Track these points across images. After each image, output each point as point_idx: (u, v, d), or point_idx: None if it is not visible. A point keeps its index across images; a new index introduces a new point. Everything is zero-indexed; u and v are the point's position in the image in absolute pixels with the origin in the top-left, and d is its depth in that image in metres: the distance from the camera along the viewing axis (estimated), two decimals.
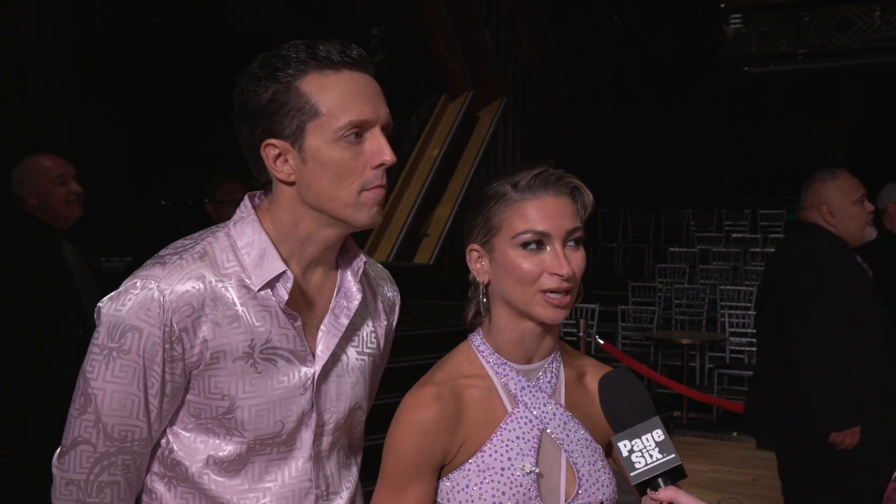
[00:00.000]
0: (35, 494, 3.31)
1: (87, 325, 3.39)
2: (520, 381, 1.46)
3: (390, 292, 1.64)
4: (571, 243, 1.42)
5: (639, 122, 13.62)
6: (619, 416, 1.29)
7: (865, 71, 13.61)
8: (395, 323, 1.65)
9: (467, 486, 1.41)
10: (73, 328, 3.35)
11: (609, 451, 1.51)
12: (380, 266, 1.67)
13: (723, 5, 14.30)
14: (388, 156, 1.37)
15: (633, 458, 1.24)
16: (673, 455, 1.23)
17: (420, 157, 10.92)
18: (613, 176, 13.08)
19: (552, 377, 1.48)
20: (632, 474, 1.25)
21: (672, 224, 12.53)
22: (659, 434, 1.25)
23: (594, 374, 1.53)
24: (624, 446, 1.26)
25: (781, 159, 13.24)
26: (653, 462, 1.24)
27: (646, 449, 1.24)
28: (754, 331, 7.43)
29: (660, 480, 1.24)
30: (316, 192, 1.38)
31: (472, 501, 1.40)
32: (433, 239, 10.68)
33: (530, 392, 1.46)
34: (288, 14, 13.50)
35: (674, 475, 1.25)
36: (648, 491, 1.25)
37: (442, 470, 1.44)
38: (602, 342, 6.58)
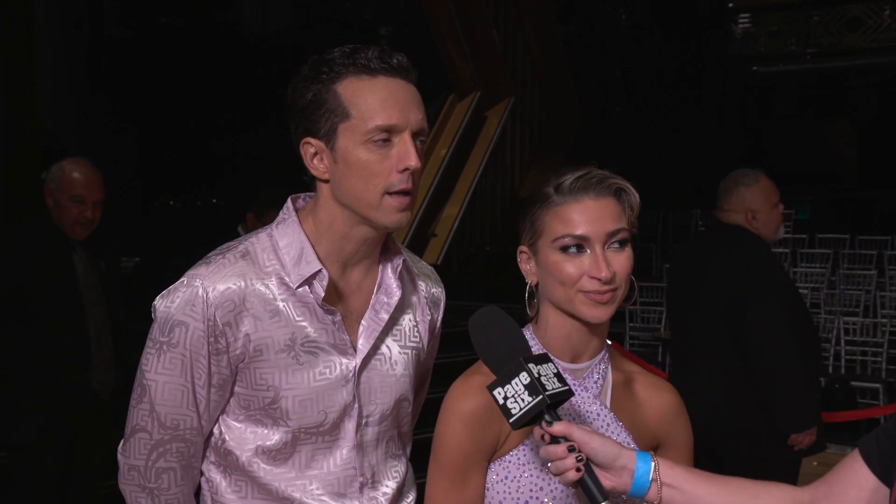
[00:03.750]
0: (34, 494, 3.32)
1: (86, 334, 3.35)
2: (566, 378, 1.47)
3: (434, 288, 1.68)
4: (615, 245, 1.42)
5: (647, 121, 13.59)
6: (492, 363, 1.29)
7: (875, 70, 13.57)
8: (439, 318, 1.69)
9: (506, 478, 1.43)
10: (69, 335, 3.31)
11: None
12: (424, 263, 1.72)
13: (731, 5, 14.27)
14: (413, 160, 1.42)
15: (509, 404, 1.26)
16: (541, 397, 1.23)
17: (428, 156, 10.93)
18: (621, 175, 13.01)
19: (599, 378, 1.49)
20: (510, 421, 1.26)
21: (680, 224, 12.49)
22: (525, 377, 1.25)
23: (642, 381, 1.54)
24: (498, 394, 1.26)
25: (791, 159, 13.20)
26: (525, 406, 1.24)
27: (517, 394, 1.25)
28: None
29: (546, 417, 1.25)
30: (344, 191, 1.45)
31: (510, 493, 1.42)
32: (441, 239, 10.69)
33: (576, 391, 1.46)
34: (296, 15, 13.52)
35: (557, 405, 1.26)
36: (543, 425, 1.26)
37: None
38: (610, 342, 6.56)
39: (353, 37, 1.48)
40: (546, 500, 1.42)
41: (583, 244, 1.41)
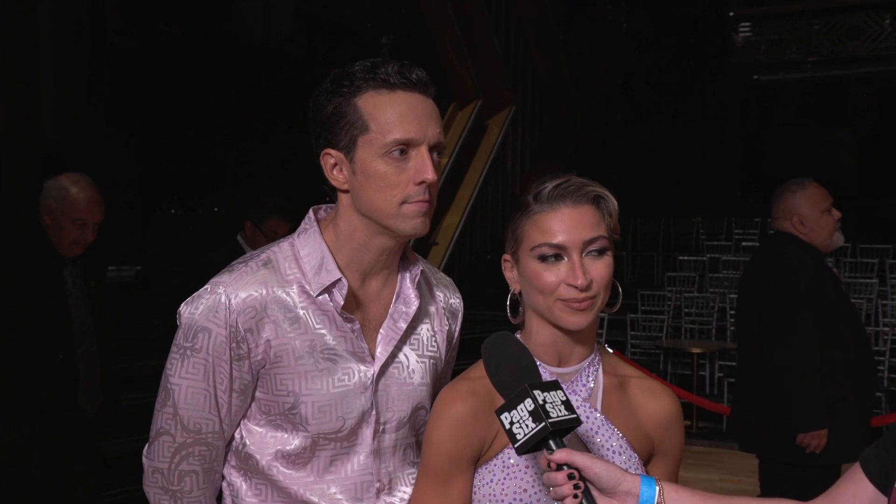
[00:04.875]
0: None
1: (72, 350, 3.30)
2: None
3: (453, 299, 1.72)
4: (593, 252, 1.44)
5: (648, 129, 13.61)
6: (501, 388, 1.32)
7: (875, 79, 13.58)
8: (457, 328, 1.73)
9: (490, 482, 1.44)
10: (54, 351, 3.25)
11: (648, 460, 1.51)
12: (443, 274, 1.77)
13: (732, 13, 14.29)
14: (429, 174, 1.47)
15: (514, 429, 1.28)
16: (543, 424, 1.25)
17: None
18: (622, 184, 13.01)
19: (588, 381, 1.50)
20: (515, 447, 1.27)
21: (681, 232, 12.50)
22: (529, 403, 1.27)
23: (639, 385, 1.55)
24: (505, 419, 1.29)
25: (791, 167, 13.21)
26: (529, 432, 1.26)
27: (522, 420, 1.27)
28: None
29: (551, 443, 1.26)
30: (363, 202, 1.50)
31: (495, 496, 1.43)
32: (442, 247, 10.69)
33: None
34: (297, 24, 13.55)
35: (563, 433, 1.27)
36: (545, 452, 1.28)
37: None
38: (611, 351, 6.55)
39: (355, 46, 1.49)
40: (531, 502, 1.42)
41: (560, 252, 1.43)
